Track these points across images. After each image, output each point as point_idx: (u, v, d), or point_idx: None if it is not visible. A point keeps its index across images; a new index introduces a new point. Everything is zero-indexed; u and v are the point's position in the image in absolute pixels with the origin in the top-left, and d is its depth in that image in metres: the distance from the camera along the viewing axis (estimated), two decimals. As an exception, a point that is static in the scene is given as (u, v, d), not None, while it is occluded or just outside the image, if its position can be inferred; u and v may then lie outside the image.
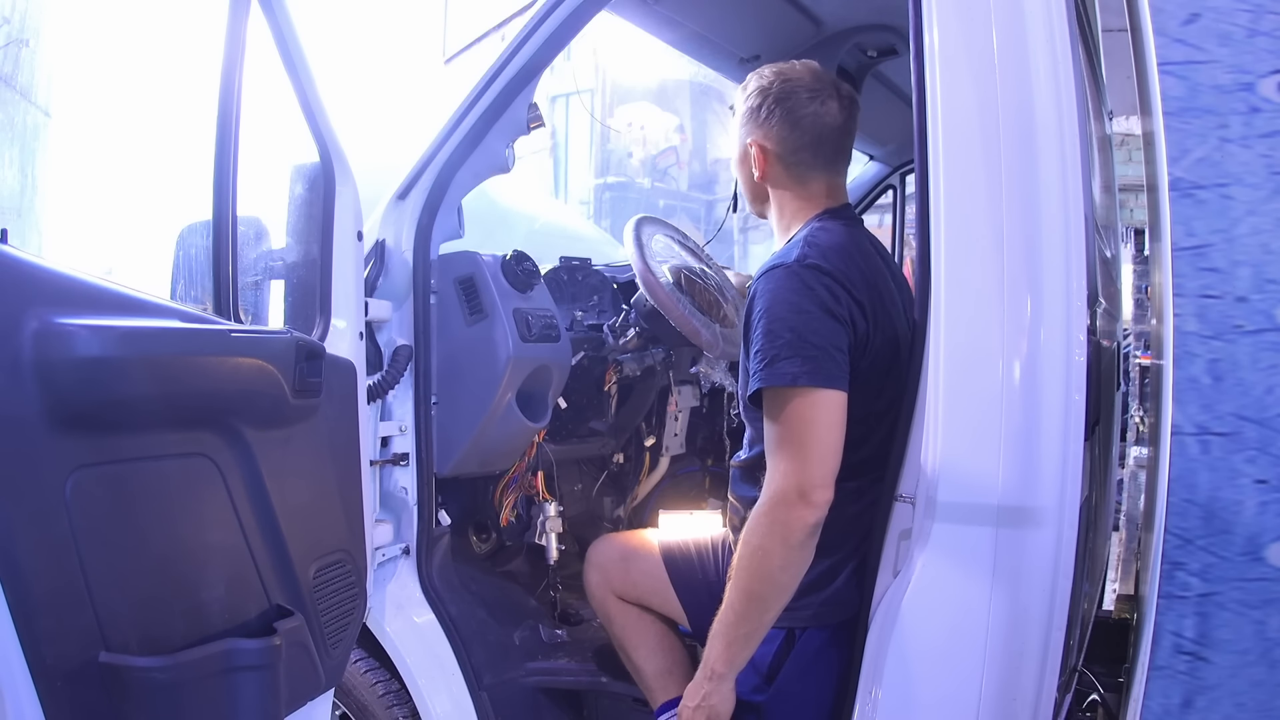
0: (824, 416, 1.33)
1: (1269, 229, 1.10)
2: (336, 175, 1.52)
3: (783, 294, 1.37)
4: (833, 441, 1.33)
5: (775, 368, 1.34)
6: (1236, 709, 1.11)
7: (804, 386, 1.33)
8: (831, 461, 1.33)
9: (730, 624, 1.39)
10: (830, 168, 1.54)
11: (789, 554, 1.33)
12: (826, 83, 1.51)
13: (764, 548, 1.33)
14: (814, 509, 1.31)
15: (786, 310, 1.36)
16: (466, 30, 1.97)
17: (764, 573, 1.34)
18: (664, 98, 10.34)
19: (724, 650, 1.40)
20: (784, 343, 1.34)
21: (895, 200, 2.99)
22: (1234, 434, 1.10)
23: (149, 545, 1.15)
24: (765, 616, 1.38)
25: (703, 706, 1.42)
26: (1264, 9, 1.11)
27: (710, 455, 2.61)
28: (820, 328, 1.35)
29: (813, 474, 1.31)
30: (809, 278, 1.37)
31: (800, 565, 1.35)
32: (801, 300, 1.36)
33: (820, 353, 1.33)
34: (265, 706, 1.23)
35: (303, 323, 1.51)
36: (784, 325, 1.35)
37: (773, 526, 1.32)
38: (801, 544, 1.32)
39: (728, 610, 1.39)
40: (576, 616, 2.14)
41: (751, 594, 1.36)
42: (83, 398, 1.05)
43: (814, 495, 1.31)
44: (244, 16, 1.31)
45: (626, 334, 2.12)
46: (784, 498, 1.32)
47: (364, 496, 1.54)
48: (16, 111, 6.54)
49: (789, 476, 1.32)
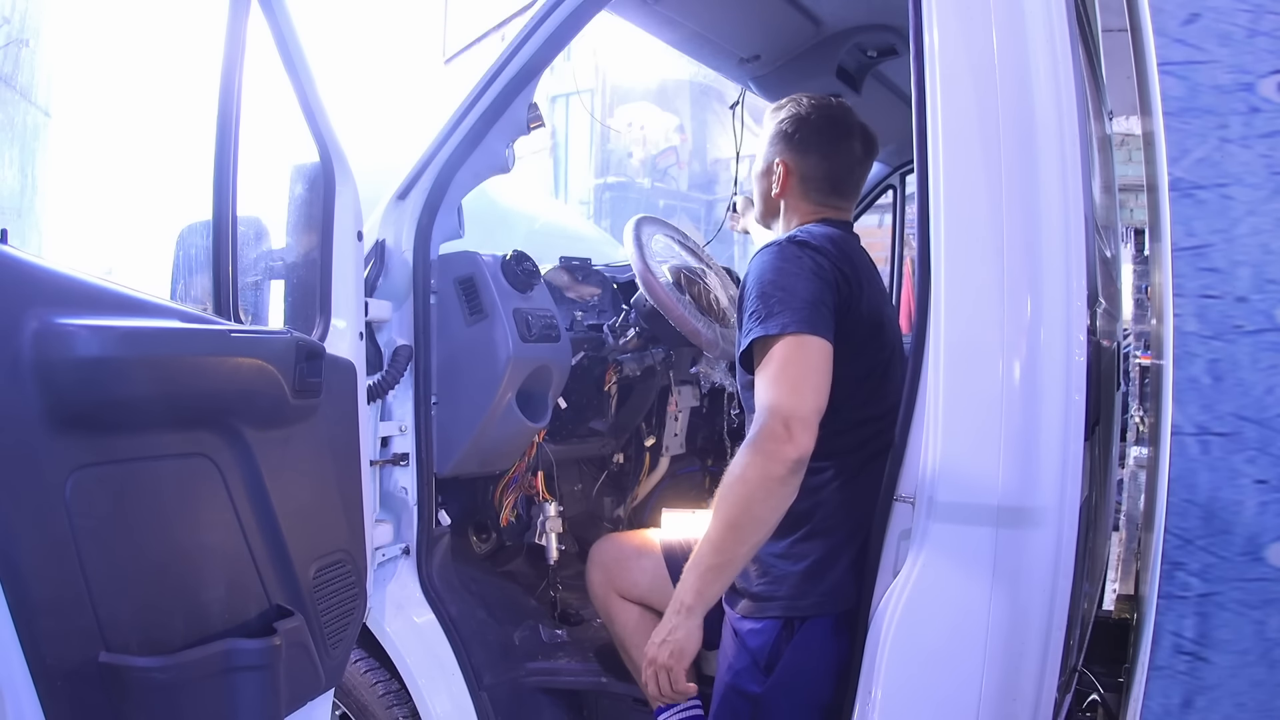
0: (810, 358, 1.38)
1: (1269, 229, 1.10)
2: (336, 175, 1.52)
3: (772, 262, 1.46)
4: (818, 382, 1.37)
5: (767, 322, 1.40)
6: (1236, 709, 1.11)
7: (793, 333, 1.38)
8: (815, 400, 1.36)
9: (704, 554, 1.39)
10: (843, 199, 1.67)
11: (769, 486, 1.34)
12: (855, 124, 1.66)
13: (745, 478, 1.35)
14: (796, 445, 1.33)
15: (775, 274, 1.44)
16: (466, 30, 1.97)
17: (744, 502, 1.35)
18: (664, 98, 10.34)
19: (695, 581, 1.40)
20: (775, 300, 1.41)
21: (895, 200, 2.98)
22: (1234, 434, 1.10)
23: (149, 545, 1.15)
24: (740, 549, 1.38)
25: (669, 641, 1.41)
26: (1264, 9, 1.11)
27: (710, 455, 2.61)
28: (808, 286, 1.42)
29: (796, 407, 1.34)
30: (795, 250, 1.46)
31: (781, 500, 1.36)
32: (789, 265, 1.44)
33: (807, 306, 1.40)
34: (265, 706, 1.23)
35: (303, 323, 1.51)
36: (774, 286, 1.42)
37: (755, 457, 1.34)
38: (783, 479, 1.34)
39: (704, 542, 1.40)
40: (576, 616, 2.14)
41: (730, 522, 1.37)
42: (83, 398, 1.05)
43: (796, 430, 1.33)
44: (244, 16, 1.31)
45: (626, 334, 2.12)
46: (770, 431, 1.34)
47: (364, 496, 1.54)
48: (16, 111, 6.53)
49: (774, 411, 1.35)
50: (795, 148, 1.63)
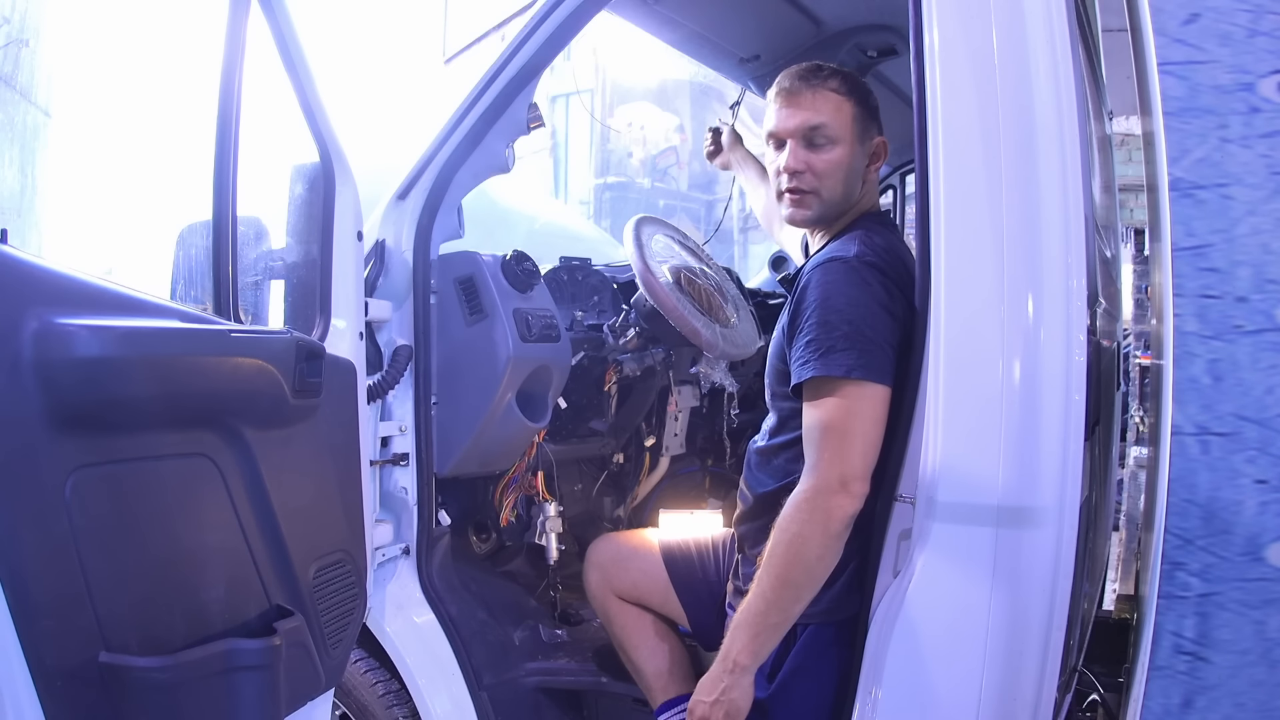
0: (871, 410, 1.34)
1: (1269, 229, 1.10)
2: (336, 175, 1.52)
3: (841, 286, 1.38)
4: (876, 436, 1.34)
5: (830, 358, 1.34)
6: (1236, 709, 1.11)
7: (857, 379, 1.33)
8: (873, 455, 1.34)
9: (759, 613, 1.36)
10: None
11: (827, 542, 1.33)
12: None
13: (803, 535, 1.33)
14: (853, 499, 1.32)
15: (844, 303, 1.37)
16: (466, 30, 1.97)
17: (801, 560, 1.33)
18: (664, 98, 10.35)
19: (749, 641, 1.37)
20: (840, 334, 1.35)
21: (895, 200, 2.99)
22: (1234, 434, 1.10)
23: (149, 545, 1.15)
24: (795, 607, 1.37)
25: (721, 701, 1.38)
26: (1264, 9, 1.11)
27: (710, 455, 2.61)
28: (877, 323, 1.36)
29: (855, 465, 1.32)
30: (867, 274, 1.38)
31: (835, 555, 1.35)
32: (860, 294, 1.37)
33: (875, 347, 1.34)
34: (265, 706, 1.23)
35: (303, 323, 1.51)
36: (841, 317, 1.36)
37: (814, 514, 1.32)
38: (839, 534, 1.33)
39: (756, 599, 1.37)
40: (576, 616, 2.14)
41: (787, 581, 1.35)
42: (83, 398, 1.05)
43: (854, 486, 1.32)
44: (244, 16, 1.31)
45: (626, 334, 2.12)
46: (826, 486, 1.32)
47: (364, 496, 1.54)
48: (16, 111, 6.53)
49: (833, 465, 1.32)
50: (879, 123, 1.55)
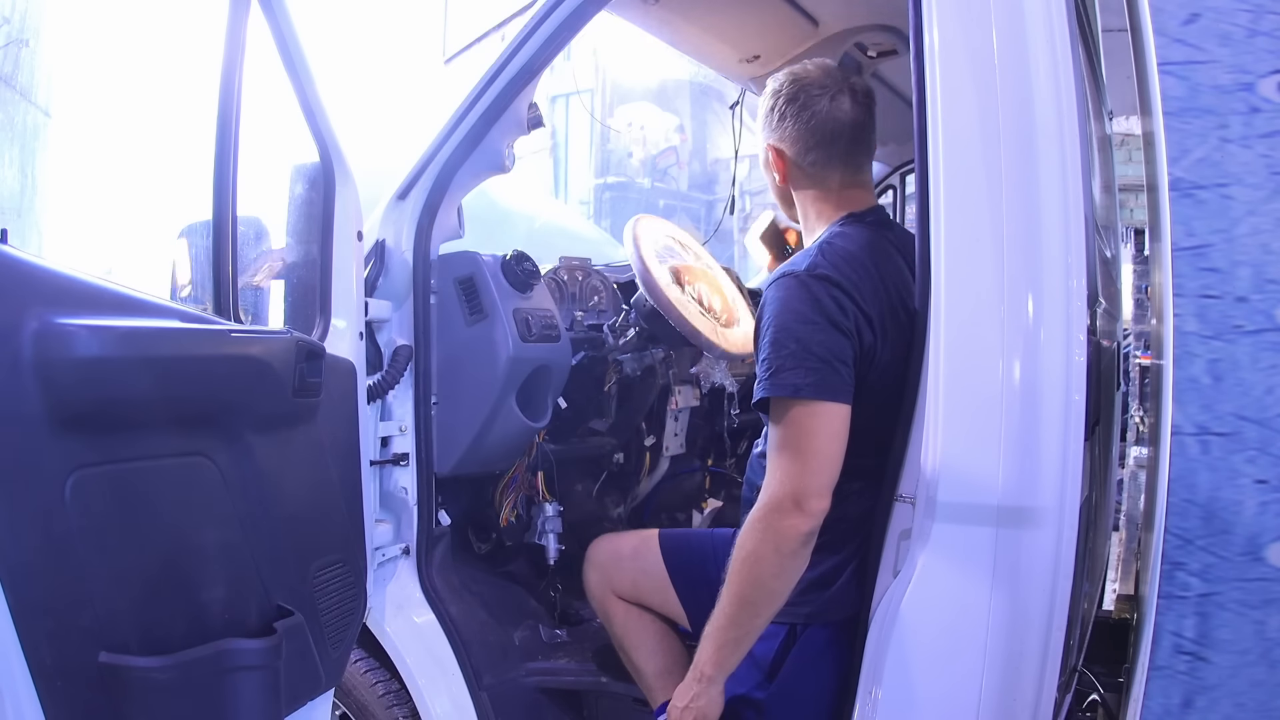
0: (824, 427, 1.32)
1: (1269, 229, 1.10)
2: (336, 175, 1.52)
3: (791, 303, 1.37)
4: (832, 452, 1.33)
5: (779, 378, 1.34)
6: (1236, 709, 1.11)
7: (806, 399, 1.32)
8: (829, 472, 1.32)
9: (721, 627, 1.38)
10: (847, 165, 1.51)
11: (781, 561, 1.32)
12: (837, 79, 1.49)
13: (756, 553, 1.33)
14: (808, 518, 1.31)
15: (793, 320, 1.35)
16: (466, 30, 1.98)
17: (755, 578, 1.34)
18: (664, 98, 10.36)
19: (714, 653, 1.40)
20: (788, 353, 1.34)
21: (895, 200, 2.99)
22: (1234, 434, 1.10)
23: (149, 545, 1.15)
24: (756, 621, 1.37)
25: (691, 708, 1.42)
26: (1264, 9, 1.11)
27: (710, 455, 2.61)
28: (825, 339, 1.34)
29: (808, 483, 1.31)
30: (816, 288, 1.36)
31: (793, 573, 1.34)
32: (807, 310, 1.35)
33: (824, 365, 1.33)
34: (265, 706, 1.23)
35: (303, 323, 1.51)
36: (789, 335, 1.34)
37: (766, 533, 1.32)
38: (794, 552, 1.32)
39: (719, 614, 1.38)
40: (576, 616, 2.14)
41: (743, 598, 1.36)
42: (83, 398, 1.05)
43: (808, 504, 1.30)
44: (244, 16, 1.31)
45: (626, 334, 2.12)
46: (778, 504, 1.32)
47: (364, 496, 1.54)
48: (16, 111, 6.54)
49: (784, 484, 1.32)
50: (778, 126, 1.50)
